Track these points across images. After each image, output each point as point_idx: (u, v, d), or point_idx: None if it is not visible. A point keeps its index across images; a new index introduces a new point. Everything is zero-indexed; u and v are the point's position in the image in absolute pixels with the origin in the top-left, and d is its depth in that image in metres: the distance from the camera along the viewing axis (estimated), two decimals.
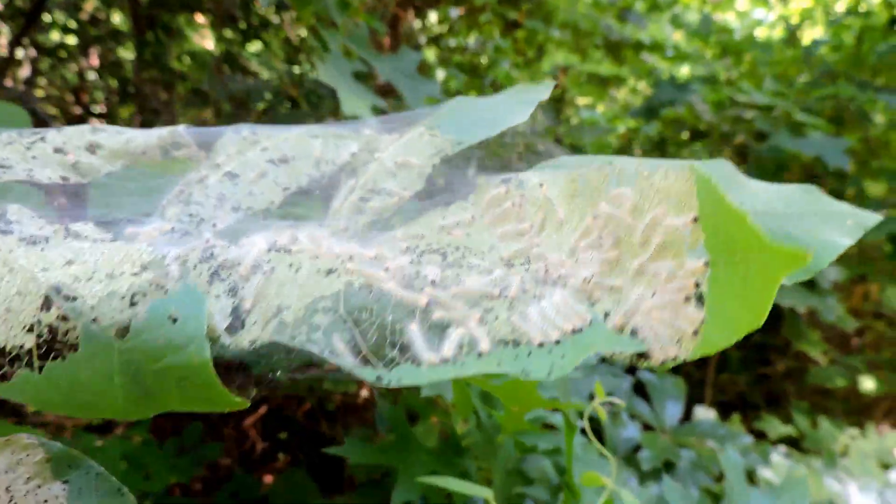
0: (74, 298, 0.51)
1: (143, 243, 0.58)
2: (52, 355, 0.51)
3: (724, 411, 4.64)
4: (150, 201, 0.74)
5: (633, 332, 0.49)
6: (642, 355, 0.48)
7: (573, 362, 0.45)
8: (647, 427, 3.11)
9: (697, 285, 0.47)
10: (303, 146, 0.81)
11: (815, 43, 4.62)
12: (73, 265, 0.54)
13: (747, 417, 4.52)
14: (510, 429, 1.70)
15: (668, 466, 3.08)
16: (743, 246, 0.42)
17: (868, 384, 4.59)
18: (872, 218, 0.75)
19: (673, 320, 0.47)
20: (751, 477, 3.06)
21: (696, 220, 0.50)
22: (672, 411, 3.14)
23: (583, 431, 1.59)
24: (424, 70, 4.23)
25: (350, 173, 0.78)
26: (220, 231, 0.67)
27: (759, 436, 4.13)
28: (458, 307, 0.51)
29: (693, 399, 3.95)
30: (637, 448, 2.96)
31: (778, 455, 3.14)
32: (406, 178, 0.74)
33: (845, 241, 0.67)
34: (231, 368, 0.52)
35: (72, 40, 3.72)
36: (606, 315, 0.51)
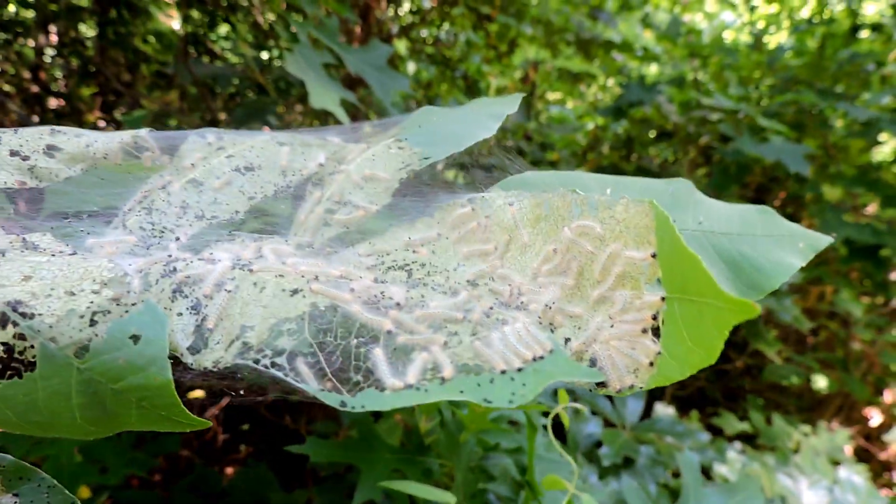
0: (32, 316, 0.50)
1: (103, 258, 0.58)
2: (7, 374, 0.50)
3: (684, 406, 4.75)
4: (111, 209, 0.73)
5: (592, 361, 0.50)
6: (600, 383, 0.49)
7: (534, 391, 0.46)
8: (608, 423, 3.17)
9: (654, 318, 0.49)
10: (269, 154, 0.80)
11: (780, 48, 4.72)
12: (30, 281, 0.53)
13: (705, 413, 4.64)
14: (473, 427, 1.72)
15: (628, 462, 3.14)
16: (697, 290, 0.43)
17: (821, 382, 4.75)
18: (824, 240, 0.78)
19: (630, 351, 0.48)
20: (707, 473, 3.15)
21: (654, 256, 0.51)
22: (633, 408, 3.20)
23: (546, 430, 1.61)
24: (395, 62, 4.20)
25: (317, 184, 0.77)
26: (183, 245, 0.67)
27: (717, 432, 4.24)
28: (422, 331, 0.51)
29: (653, 393, 4.04)
30: (598, 444, 3.02)
31: (734, 452, 3.23)
32: (373, 191, 0.74)
33: (797, 263, 0.70)
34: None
35: (29, 14, 3.59)
36: (567, 341, 0.52)
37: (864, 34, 4.92)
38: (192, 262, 0.59)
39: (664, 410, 3.67)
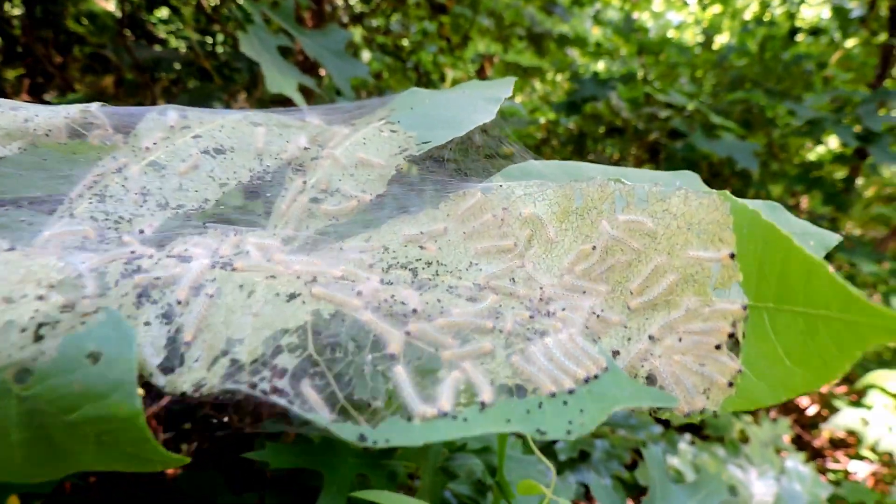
0: None
1: (50, 256, 0.47)
2: None
3: None
4: (56, 195, 0.61)
5: (650, 378, 0.43)
6: (663, 406, 0.42)
7: (596, 420, 0.38)
8: None
9: (733, 331, 0.42)
10: (242, 135, 0.70)
11: (729, 48, 4.82)
12: None
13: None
14: None
15: (584, 456, 3.14)
16: (817, 300, 0.37)
17: None
18: (833, 238, 0.73)
19: (699, 367, 0.41)
20: None
21: (732, 256, 0.44)
22: None
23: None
24: (349, 49, 4.08)
25: (298, 170, 0.68)
26: (146, 238, 0.56)
27: (664, 423, 4.32)
28: (449, 343, 0.43)
29: None
30: (554, 440, 3.01)
31: (684, 443, 3.27)
32: (365, 178, 0.65)
33: None
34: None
35: None
36: (616, 354, 0.45)
37: (802, 37, 5.09)
38: (160, 259, 0.49)
39: None
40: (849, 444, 4.76)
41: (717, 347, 0.42)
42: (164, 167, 0.67)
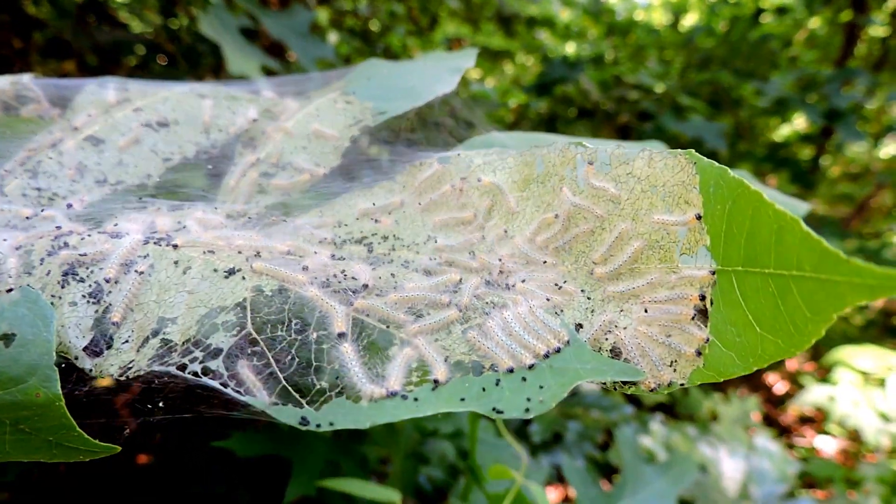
0: None
1: None
2: None
3: None
4: None
5: (615, 351, 0.41)
6: (629, 381, 0.40)
7: (557, 396, 0.36)
8: None
9: (700, 298, 0.40)
10: (188, 108, 0.66)
11: (696, 28, 4.83)
12: None
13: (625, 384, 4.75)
14: None
15: (557, 438, 3.16)
16: (789, 259, 0.34)
17: None
18: (802, 207, 0.72)
19: (665, 338, 0.39)
20: None
21: (699, 217, 0.42)
22: None
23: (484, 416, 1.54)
24: (315, 32, 4.01)
25: (248, 143, 0.64)
26: (77, 213, 0.52)
27: (636, 402, 4.36)
28: (401, 319, 0.40)
29: None
30: (528, 421, 3.01)
31: (656, 423, 3.30)
32: (319, 151, 0.62)
33: None
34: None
35: None
36: (579, 327, 0.43)
37: (767, 18, 5.12)
38: (88, 235, 0.45)
39: (589, 385, 3.71)
40: (816, 420, 4.86)
41: (684, 316, 0.40)
42: (103, 141, 0.62)
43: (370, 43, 4.87)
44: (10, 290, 0.37)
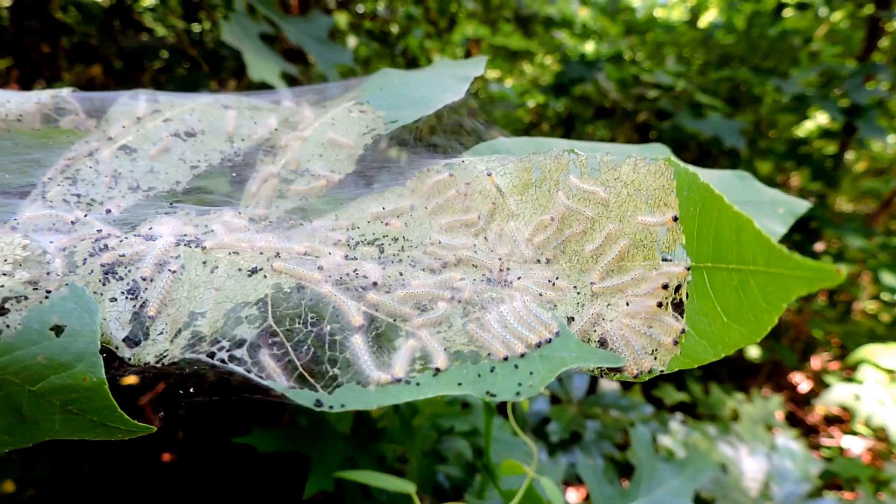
0: None
1: (16, 234, 0.48)
2: None
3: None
4: (28, 178, 0.62)
5: (602, 342, 0.44)
6: (614, 368, 0.43)
7: (545, 380, 0.40)
8: (555, 400, 3.18)
9: (675, 292, 0.43)
10: (213, 118, 0.71)
11: (714, 26, 4.80)
12: None
13: (645, 384, 4.74)
14: (428, 411, 1.66)
15: (576, 437, 3.17)
16: (742, 256, 0.38)
17: (753, 351, 4.94)
18: (802, 205, 0.75)
19: (647, 329, 0.43)
20: (652, 443, 3.20)
21: (675, 219, 0.45)
22: (579, 384, 3.22)
23: (500, 411, 1.57)
24: (335, 35, 4.07)
25: (269, 151, 0.69)
26: (114, 218, 0.57)
27: (658, 403, 4.35)
28: (407, 313, 0.44)
29: None
30: (546, 420, 3.03)
31: (676, 423, 3.30)
32: (334, 158, 0.66)
33: (779, 230, 0.66)
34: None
35: None
36: (570, 321, 0.46)
37: (789, 13, 5.07)
38: (126, 238, 0.50)
39: (609, 385, 3.72)
40: (843, 420, 4.79)
41: (662, 307, 0.43)
42: (136, 151, 0.67)
43: (389, 45, 4.92)
44: (61, 287, 0.42)
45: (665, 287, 0.44)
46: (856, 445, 4.24)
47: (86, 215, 0.55)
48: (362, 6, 4.91)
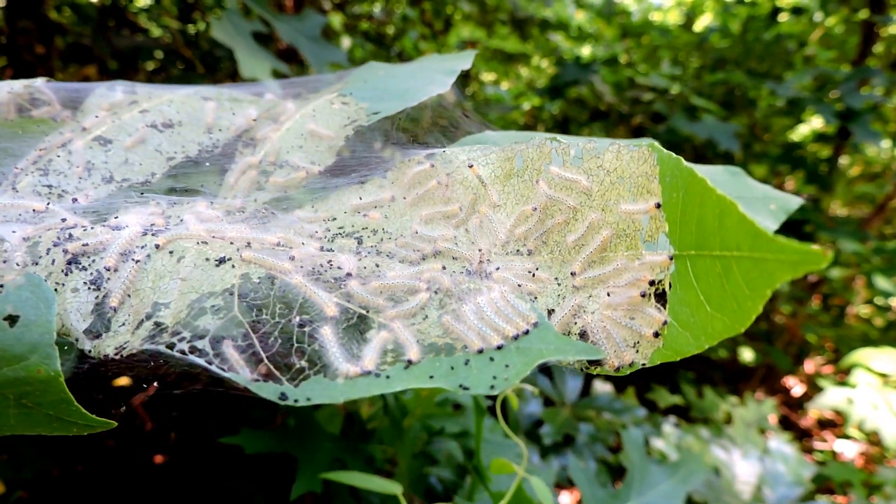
0: None
1: None
2: None
3: (620, 382, 4.83)
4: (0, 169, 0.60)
5: (583, 334, 0.43)
6: (595, 361, 0.42)
7: (520, 373, 0.38)
8: (548, 402, 3.16)
9: (658, 282, 0.42)
10: (192, 109, 0.69)
11: (709, 30, 4.81)
12: None
13: (639, 387, 4.72)
14: (418, 412, 1.65)
15: (568, 440, 3.15)
16: (726, 241, 0.36)
17: (747, 354, 4.93)
18: (794, 201, 0.73)
19: (629, 321, 0.41)
20: (645, 446, 3.18)
21: (658, 206, 0.44)
22: (572, 386, 3.20)
23: (491, 412, 1.56)
24: (329, 36, 4.05)
25: (248, 143, 0.67)
26: (83, 207, 0.55)
27: (651, 406, 4.33)
28: (381, 305, 0.43)
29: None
30: (539, 423, 3.01)
31: (669, 426, 3.29)
32: (314, 150, 0.64)
33: (771, 226, 0.65)
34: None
35: None
36: (551, 313, 0.45)
37: (784, 17, 5.07)
38: (91, 227, 0.48)
39: (602, 387, 3.70)
40: (837, 424, 4.79)
41: (644, 297, 0.42)
42: (111, 141, 0.65)
43: (385, 47, 4.91)
44: (17, 276, 0.40)
45: (647, 277, 0.42)
46: (849, 449, 4.23)
47: (51, 205, 0.53)
48: (358, 7, 4.90)
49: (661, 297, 0.42)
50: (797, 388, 5.27)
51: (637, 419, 3.46)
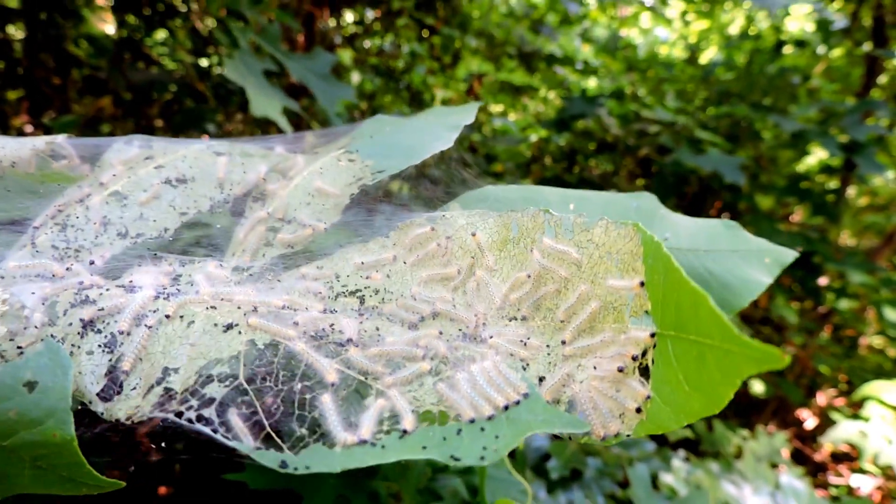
0: None
1: None
2: None
3: None
4: (18, 224, 0.63)
5: (571, 404, 0.45)
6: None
7: (509, 445, 0.40)
8: (555, 435, 3.14)
9: (642, 357, 0.44)
10: (204, 165, 0.72)
11: (713, 63, 4.86)
12: None
13: None
14: None
15: (576, 475, 3.12)
16: (699, 329, 0.38)
17: (758, 387, 4.88)
18: (789, 255, 0.75)
19: (614, 393, 0.43)
20: (654, 481, 3.15)
21: (641, 285, 0.46)
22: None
23: None
24: (340, 72, 4.13)
25: (258, 199, 0.70)
26: (99, 268, 0.58)
27: (660, 439, 4.29)
28: (379, 371, 0.45)
29: None
30: (546, 457, 2.99)
31: (678, 460, 3.25)
32: (321, 207, 0.67)
33: (765, 280, 0.66)
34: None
35: None
36: (541, 380, 0.47)
37: (788, 50, 5.13)
38: (107, 290, 0.50)
39: None
40: (852, 457, 4.71)
41: (629, 372, 0.43)
42: (126, 197, 0.68)
43: (394, 80, 4.98)
44: (37, 341, 0.42)
45: (630, 352, 0.44)
46: (865, 484, 4.15)
47: (69, 268, 0.56)
48: (368, 42, 4.99)
49: (645, 372, 0.44)
50: (810, 421, 5.20)
51: (646, 453, 3.43)
